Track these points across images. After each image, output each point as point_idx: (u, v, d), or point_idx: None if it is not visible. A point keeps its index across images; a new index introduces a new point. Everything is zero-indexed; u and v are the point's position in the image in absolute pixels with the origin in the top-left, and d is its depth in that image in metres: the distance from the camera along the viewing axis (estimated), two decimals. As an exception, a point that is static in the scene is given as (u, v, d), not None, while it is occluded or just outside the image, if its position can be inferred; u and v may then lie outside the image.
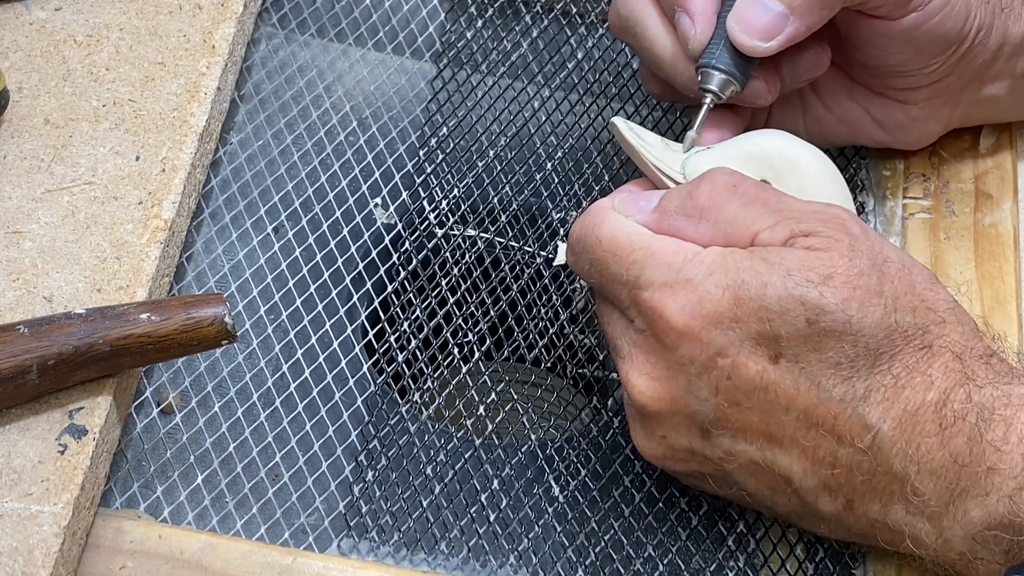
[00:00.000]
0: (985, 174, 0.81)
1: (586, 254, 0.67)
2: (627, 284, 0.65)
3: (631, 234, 0.66)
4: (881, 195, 0.81)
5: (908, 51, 0.74)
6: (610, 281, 0.66)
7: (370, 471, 0.70)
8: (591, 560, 0.69)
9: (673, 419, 0.65)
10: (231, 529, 0.68)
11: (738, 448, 0.64)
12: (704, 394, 0.64)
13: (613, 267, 0.65)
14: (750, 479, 0.65)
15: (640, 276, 0.64)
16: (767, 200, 0.65)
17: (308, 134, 0.80)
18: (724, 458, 0.65)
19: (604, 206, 0.67)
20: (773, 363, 0.63)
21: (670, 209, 0.66)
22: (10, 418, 0.65)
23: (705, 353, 0.63)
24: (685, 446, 0.66)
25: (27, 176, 0.72)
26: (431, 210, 0.78)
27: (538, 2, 0.86)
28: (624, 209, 0.67)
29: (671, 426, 0.65)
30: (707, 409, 0.64)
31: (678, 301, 0.63)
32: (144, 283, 0.70)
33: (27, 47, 0.76)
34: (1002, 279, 0.77)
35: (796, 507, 0.66)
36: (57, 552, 0.62)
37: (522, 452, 0.72)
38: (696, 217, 0.65)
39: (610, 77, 0.84)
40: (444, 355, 0.74)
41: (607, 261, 0.66)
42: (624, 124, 0.70)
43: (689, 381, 0.64)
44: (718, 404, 0.64)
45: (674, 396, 0.64)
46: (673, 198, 0.66)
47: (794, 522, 0.68)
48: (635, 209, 0.67)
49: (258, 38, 0.82)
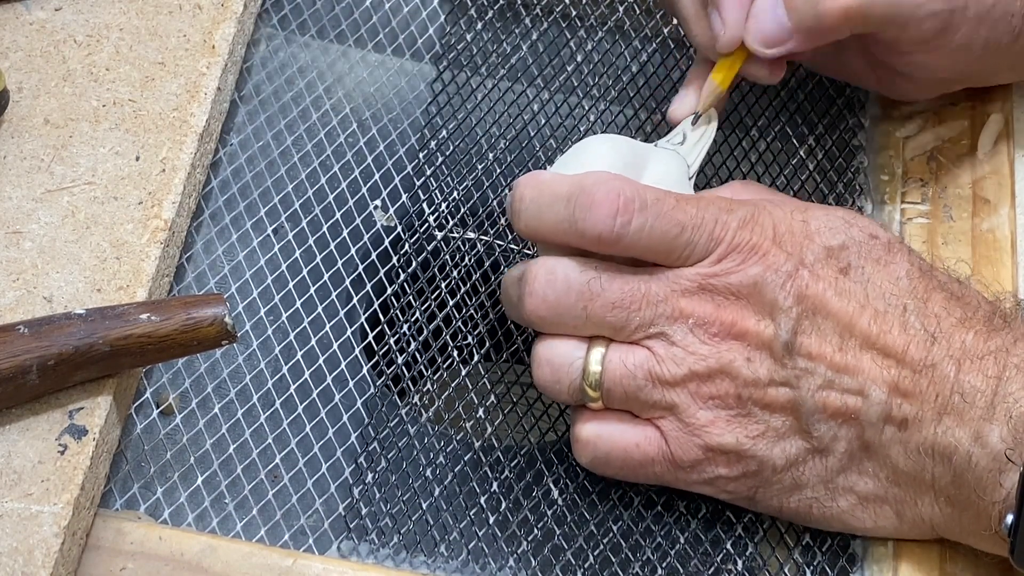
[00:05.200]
0: (983, 179, 0.81)
1: (652, 207, 0.67)
2: (707, 226, 0.67)
3: (681, 192, 0.69)
4: (879, 200, 0.81)
5: (917, 69, 0.78)
6: (685, 229, 0.67)
7: (370, 473, 0.70)
8: (590, 563, 0.69)
9: (751, 345, 0.66)
10: (231, 531, 0.68)
11: (813, 366, 0.66)
12: (788, 303, 0.66)
13: (690, 209, 0.67)
14: (819, 407, 0.66)
15: (719, 215, 0.67)
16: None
17: (308, 135, 0.80)
18: (800, 376, 0.66)
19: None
20: (843, 275, 0.66)
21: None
22: (10, 418, 0.65)
23: (790, 263, 0.66)
24: (762, 375, 0.66)
25: (27, 176, 0.72)
26: (431, 212, 0.78)
27: (538, 4, 0.86)
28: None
29: (748, 353, 0.66)
30: (789, 323, 0.66)
31: (760, 225, 0.67)
32: (144, 283, 0.69)
33: (27, 47, 0.76)
34: (1000, 284, 0.77)
35: (853, 438, 0.66)
36: (57, 552, 0.62)
37: (521, 454, 0.72)
38: None
39: (610, 80, 0.84)
40: (444, 357, 0.74)
41: (684, 208, 0.67)
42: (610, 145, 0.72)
43: (774, 293, 0.66)
44: (799, 314, 0.66)
45: (756, 317, 0.66)
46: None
47: (836, 483, 0.68)
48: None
49: (258, 39, 0.82)
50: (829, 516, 0.69)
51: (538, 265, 0.67)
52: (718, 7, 0.74)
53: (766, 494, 0.68)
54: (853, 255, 0.67)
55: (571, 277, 0.67)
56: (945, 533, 0.68)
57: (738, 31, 0.74)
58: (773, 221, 0.67)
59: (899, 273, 0.67)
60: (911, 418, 0.65)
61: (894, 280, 0.67)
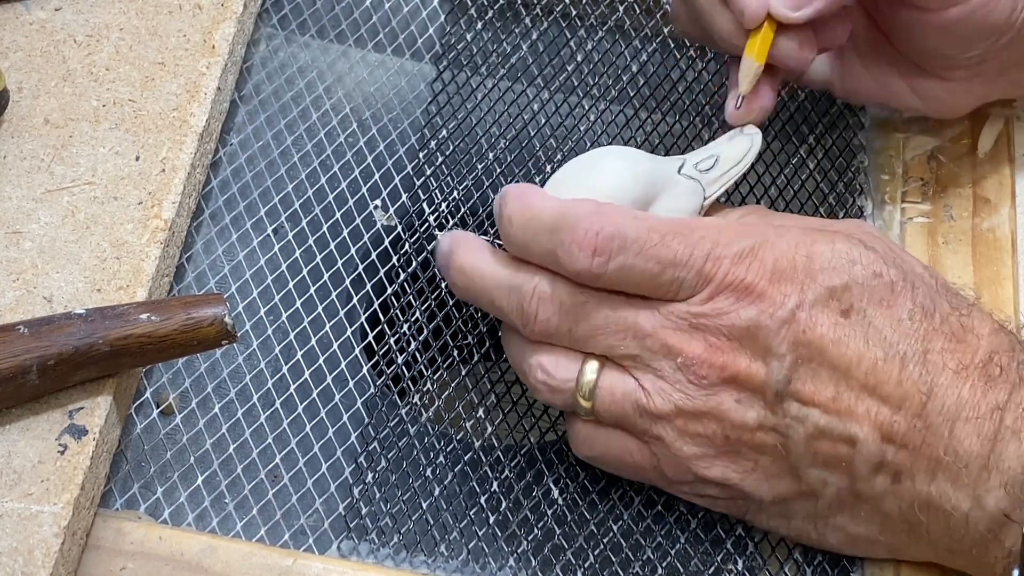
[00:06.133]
0: (983, 179, 0.81)
1: (631, 246, 0.65)
2: (696, 262, 0.65)
3: (674, 218, 0.67)
4: (880, 199, 0.81)
5: (948, 40, 0.75)
6: (667, 267, 0.65)
7: (370, 473, 0.70)
8: (590, 563, 0.69)
9: (742, 387, 0.65)
10: (231, 530, 0.68)
11: (805, 412, 0.64)
12: (783, 349, 0.64)
13: (676, 246, 0.65)
14: (809, 450, 0.65)
15: (713, 250, 0.65)
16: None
17: (308, 135, 0.80)
18: (791, 423, 0.65)
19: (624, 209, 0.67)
20: (844, 317, 0.64)
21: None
22: (10, 418, 0.65)
23: (785, 308, 0.64)
24: (751, 419, 0.65)
25: (27, 176, 0.72)
26: (431, 212, 0.78)
27: (538, 4, 0.86)
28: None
29: (739, 396, 0.65)
30: (783, 369, 0.64)
31: (759, 261, 0.65)
32: (144, 283, 0.69)
33: (27, 47, 0.76)
34: (1000, 284, 0.77)
35: (844, 486, 0.65)
36: (57, 552, 0.62)
37: (521, 454, 0.72)
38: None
39: (610, 80, 0.84)
40: (444, 357, 0.74)
41: (669, 245, 0.65)
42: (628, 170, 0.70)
43: (768, 338, 0.64)
44: (794, 361, 0.64)
45: (749, 360, 0.65)
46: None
47: (826, 522, 0.67)
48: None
49: (258, 39, 0.82)
50: (822, 544, 0.69)
51: (535, 282, 0.67)
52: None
53: (757, 517, 0.69)
54: (856, 296, 0.65)
55: (564, 298, 0.66)
56: (944, 563, 0.68)
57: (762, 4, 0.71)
58: (775, 256, 0.65)
59: (901, 315, 0.65)
60: (904, 471, 0.64)
61: (896, 322, 0.65)
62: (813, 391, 0.64)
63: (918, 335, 0.64)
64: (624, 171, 0.69)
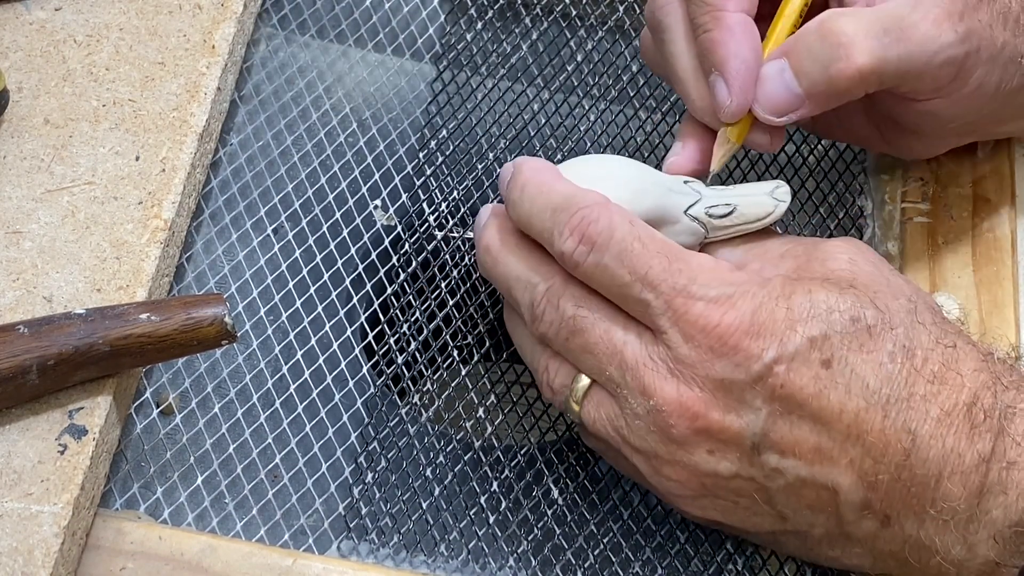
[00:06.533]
0: (983, 179, 0.81)
1: (613, 246, 0.64)
2: (667, 291, 0.64)
3: (668, 240, 0.66)
4: (880, 199, 0.81)
5: (933, 119, 0.74)
6: (636, 280, 0.64)
7: (370, 473, 0.70)
8: (590, 563, 0.69)
9: (716, 439, 0.64)
10: (231, 530, 0.68)
11: (786, 464, 0.64)
12: (758, 404, 0.63)
13: (654, 264, 0.64)
14: (792, 497, 0.64)
15: (689, 286, 0.64)
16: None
17: (308, 135, 0.80)
18: (770, 475, 0.64)
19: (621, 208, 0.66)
20: (826, 368, 0.63)
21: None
22: (10, 418, 0.65)
23: (761, 362, 0.63)
24: (724, 470, 0.64)
25: (27, 176, 0.72)
26: (431, 212, 0.78)
27: (538, 4, 0.86)
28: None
29: (712, 447, 0.64)
30: (759, 422, 0.63)
31: (736, 309, 0.63)
32: (144, 283, 0.69)
33: (27, 47, 0.76)
34: (1000, 283, 0.77)
35: (832, 528, 0.65)
36: (57, 552, 0.62)
37: (521, 454, 0.72)
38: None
39: (610, 80, 0.84)
40: (444, 357, 0.74)
41: (646, 259, 0.64)
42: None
43: (743, 392, 0.63)
44: (771, 414, 0.63)
45: (723, 412, 0.64)
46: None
47: (819, 552, 0.67)
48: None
49: (258, 39, 0.82)
50: (818, 564, 0.69)
51: (549, 283, 0.67)
52: (723, 73, 0.69)
53: (752, 538, 0.69)
54: (836, 345, 0.63)
55: (567, 307, 0.66)
56: None
57: (746, 100, 0.69)
58: (753, 306, 0.64)
59: (882, 358, 0.63)
60: (892, 516, 0.64)
61: (877, 367, 0.63)
62: (794, 442, 0.63)
63: (900, 379, 0.63)
64: (633, 182, 0.68)
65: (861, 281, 0.65)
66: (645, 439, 0.65)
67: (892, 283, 0.66)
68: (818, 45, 0.68)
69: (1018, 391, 0.64)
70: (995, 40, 0.70)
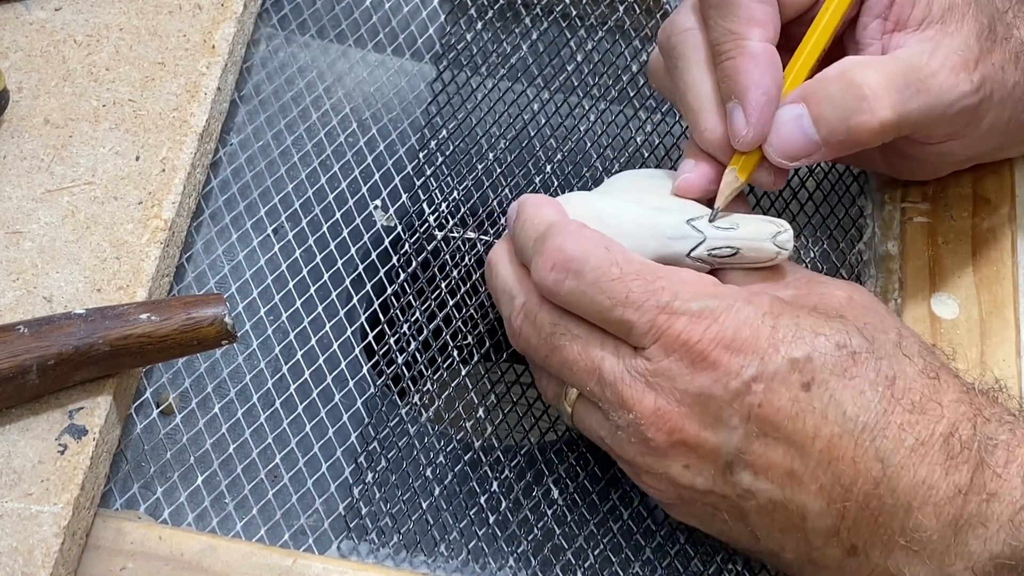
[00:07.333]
0: (983, 179, 0.81)
1: (588, 273, 0.64)
2: (650, 310, 0.64)
3: (646, 260, 0.66)
4: (880, 199, 0.81)
5: (936, 157, 0.75)
6: (617, 305, 0.64)
7: (370, 473, 0.70)
8: (590, 563, 0.69)
9: (692, 453, 0.64)
10: (231, 530, 0.68)
11: (759, 486, 0.63)
12: (735, 422, 0.63)
13: (634, 287, 0.64)
14: (764, 519, 0.64)
15: (672, 302, 0.64)
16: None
17: (308, 135, 0.80)
18: (743, 495, 0.64)
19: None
20: (805, 391, 0.63)
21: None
22: (10, 418, 0.65)
23: (740, 379, 0.63)
24: (700, 484, 0.65)
25: (27, 176, 0.72)
26: (431, 212, 0.78)
27: (538, 4, 0.86)
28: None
29: (688, 461, 0.64)
30: (734, 440, 0.63)
31: (719, 324, 0.63)
32: (144, 283, 0.69)
33: (27, 47, 0.76)
34: (999, 283, 0.77)
35: (801, 552, 0.65)
36: (57, 552, 0.62)
37: (521, 454, 0.72)
38: None
39: (610, 80, 0.84)
40: (444, 357, 0.74)
41: (626, 283, 0.64)
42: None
43: (720, 408, 0.63)
44: (747, 433, 0.63)
45: (699, 427, 0.64)
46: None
47: (791, 573, 0.67)
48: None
49: (258, 39, 0.82)
50: None
51: (523, 298, 0.67)
52: (743, 103, 0.68)
53: (738, 548, 0.69)
54: (818, 368, 0.63)
55: (544, 324, 0.66)
56: None
57: (763, 132, 0.68)
58: (737, 322, 0.63)
59: (863, 386, 0.63)
60: (859, 547, 0.63)
61: (858, 394, 0.63)
62: (767, 464, 0.63)
63: (879, 407, 0.63)
64: (627, 239, 0.67)
65: (852, 313, 0.65)
66: (626, 449, 0.65)
67: (884, 318, 0.66)
68: (840, 95, 0.68)
69: (999, 423, 0.63)
70: (1007, 82, 0.71)
